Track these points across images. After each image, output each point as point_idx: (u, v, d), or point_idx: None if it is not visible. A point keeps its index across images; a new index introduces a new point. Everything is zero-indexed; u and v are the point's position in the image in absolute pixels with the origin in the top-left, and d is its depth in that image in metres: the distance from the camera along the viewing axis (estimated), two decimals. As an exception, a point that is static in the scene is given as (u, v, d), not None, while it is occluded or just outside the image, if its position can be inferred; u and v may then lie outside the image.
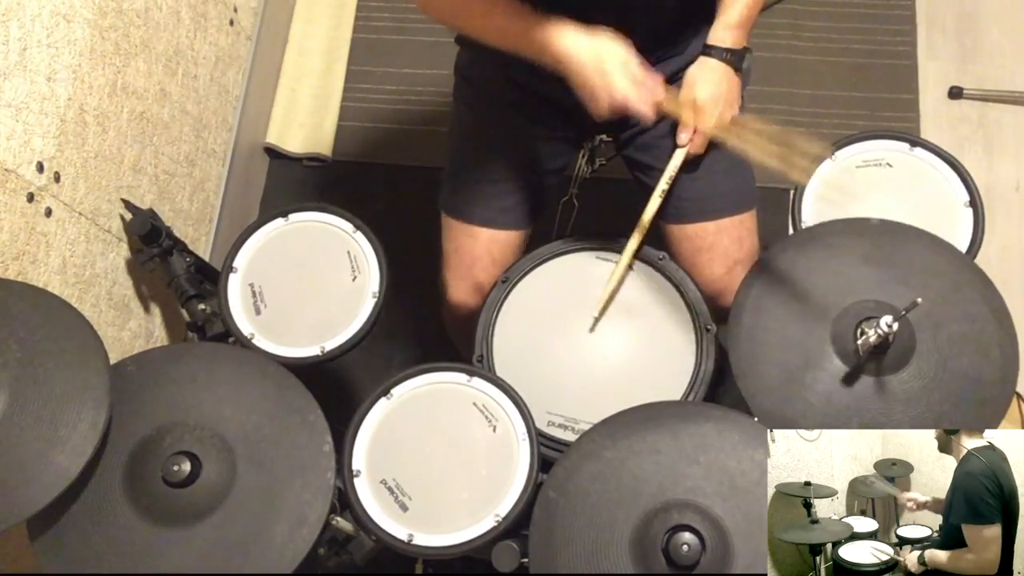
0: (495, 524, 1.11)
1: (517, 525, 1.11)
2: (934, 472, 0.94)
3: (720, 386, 1.30)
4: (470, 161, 1.43)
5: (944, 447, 0.94)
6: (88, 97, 1.42)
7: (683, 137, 1.29)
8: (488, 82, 1.39)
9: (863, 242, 1.18)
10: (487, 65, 1.38)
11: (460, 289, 1.43)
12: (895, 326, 1.02)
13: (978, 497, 0.88)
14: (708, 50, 1.27)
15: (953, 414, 1.08)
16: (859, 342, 1.07)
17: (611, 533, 1.00)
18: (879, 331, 1.03)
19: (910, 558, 0.91)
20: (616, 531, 1.00)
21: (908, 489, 0.95)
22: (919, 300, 1.00)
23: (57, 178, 1.36)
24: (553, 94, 1.32)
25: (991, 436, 0.92)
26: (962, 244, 1.27)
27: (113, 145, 1.50)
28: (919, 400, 1.08)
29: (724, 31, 1.27)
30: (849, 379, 1.09)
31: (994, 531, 0.87)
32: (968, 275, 1.15)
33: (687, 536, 0.97)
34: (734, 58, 1.26)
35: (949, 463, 0.92)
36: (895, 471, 0.95)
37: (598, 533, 1.00)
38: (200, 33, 1.76)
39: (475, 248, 1.41)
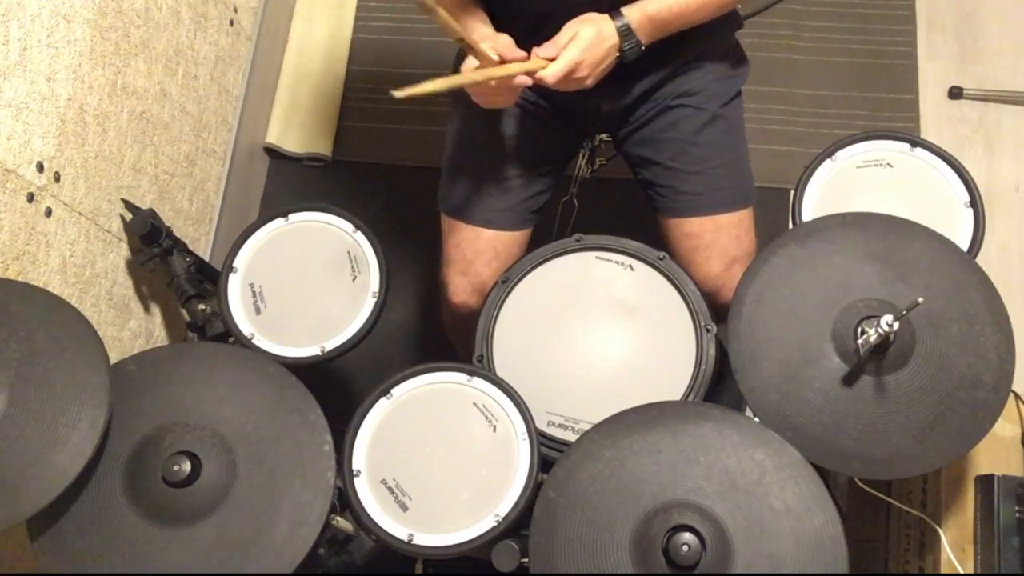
0: (495, 524, 1.11)
1: (517, 525, 1.11)
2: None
3: (719, 386, 1.30)
4: (469, 161, 1.44)
5: None
6: (88, 97, 1.42)
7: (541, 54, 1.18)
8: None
9: (867, 238, 1.18)
10: None
11: (461, 287, 1.43)
12: (896, 326, 1.02)
13: None
14: (613, 14, 1.20)
15: (950, 415, 1.08)
16: (859, 341, 1.07)
17: (611, 533, 1.00)
18: (879, 330, 1.02)
19: None
20: (616, 531, 1.00)
21: None
22: (920, 300, 0.99)
23: (57, 178, 1.36)
24: (553, 91, 1.32)
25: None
26: (962, 244, 1.27)
27: (113, 145, 1.50)
28: (916, 400, 1.08)
29: (639, 12, 1.21)
30: (849, 378, 1.09)
31: None
32: (970, 276, 1.15)
33: (687, 536, 0.97)
34: (628, 40, 1.19)
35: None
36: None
37: (598, 533, 1.00)
38: (200, 33, 1.76)
39: (477, 243, 1.42)
